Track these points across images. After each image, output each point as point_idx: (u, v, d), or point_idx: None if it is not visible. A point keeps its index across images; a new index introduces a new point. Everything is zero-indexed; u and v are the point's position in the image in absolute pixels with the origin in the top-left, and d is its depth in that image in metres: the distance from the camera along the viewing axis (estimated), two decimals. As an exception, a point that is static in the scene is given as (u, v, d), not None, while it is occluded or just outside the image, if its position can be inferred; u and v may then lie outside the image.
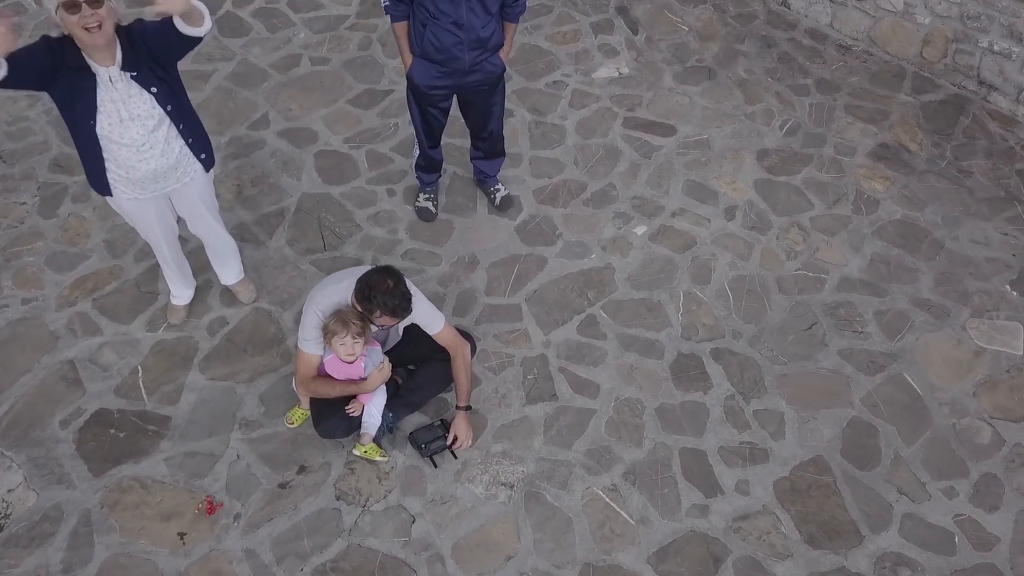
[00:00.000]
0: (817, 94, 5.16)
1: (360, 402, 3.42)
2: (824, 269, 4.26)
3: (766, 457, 3.58)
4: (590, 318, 4.03)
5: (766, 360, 3.90)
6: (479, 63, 3.73)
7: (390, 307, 3.07)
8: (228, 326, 3.94)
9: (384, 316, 3.10)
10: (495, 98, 3.98)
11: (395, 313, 3.09)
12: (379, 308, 3.07)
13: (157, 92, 3.12)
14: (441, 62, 3.70)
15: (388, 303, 3.06)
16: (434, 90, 3.83)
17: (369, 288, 3.07)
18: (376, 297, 3.05)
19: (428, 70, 3.75)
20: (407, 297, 3.12)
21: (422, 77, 3.78)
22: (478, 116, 4.06)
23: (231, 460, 3.49)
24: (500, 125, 4.15)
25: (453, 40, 3.61)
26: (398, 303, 3.08)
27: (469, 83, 3.81)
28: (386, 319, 3.13)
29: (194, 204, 3.49)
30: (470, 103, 3.99)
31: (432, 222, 4.39)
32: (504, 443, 3.58)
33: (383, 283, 3.07)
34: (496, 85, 3.91)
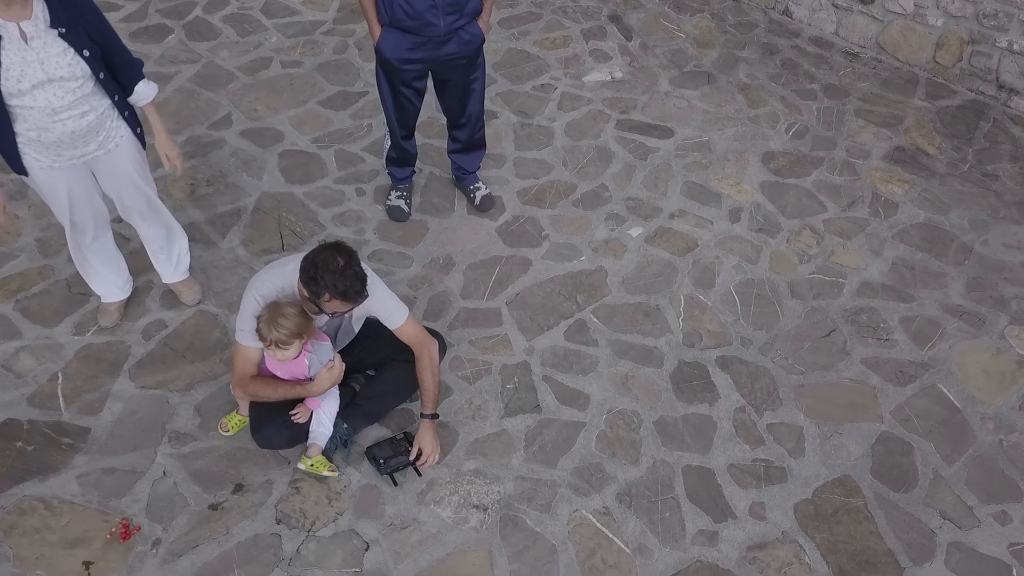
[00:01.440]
0: (825, 99, 4.80)
1: (307, 407, 2.92)
2: (841, 273, 3.81)
3: (784, 477, 3.06)
4: (579, 323, 3.56)
5: (780, 369, 3.41)
6: (455, 30, 3.36)
7: (340, 289, 2.60)
8: (167, 330, 3.46)
9: (334, 300, 2.63)
10: (474, 74, 3.59)
11: (346, 297, 2.63)
12: (327, 291, 2.60)
13: (90, 56, 2.74)
14: (414, 30, 3.32)
15: (338, 285, 2.59)
16: (407, 64, 3.44)
17: (315, 267, 2.61)
18: (324, 278, 2.59)
19: (400, 41, 3.38)
20: (360, 278, 2.65)
21: (393, 50, 3.41)
22: (455, 96, 3.66)
23: (155, 478, 2.97)
24: (480, 108, 3.76)
25: (426, 4, 3.24)
26: (350, 285, 2.61)
27: (445, 55, 3.43)
28: (336, 304, 2.66)
29: (122, 177, 3.06)
30: (447, 81, 3.60)
31: (404, 222, 3.95)
32: (478, 460, 3.07)
33: (332, 261, 2.61)
34: (475, 59, 3.53)
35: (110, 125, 2.92)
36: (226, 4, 5.36)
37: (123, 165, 3.03)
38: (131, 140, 3.03)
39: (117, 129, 2.96)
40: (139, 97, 3.00)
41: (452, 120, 3.81)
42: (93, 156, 2.94)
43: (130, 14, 5.17)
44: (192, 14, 5.26)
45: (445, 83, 3.61)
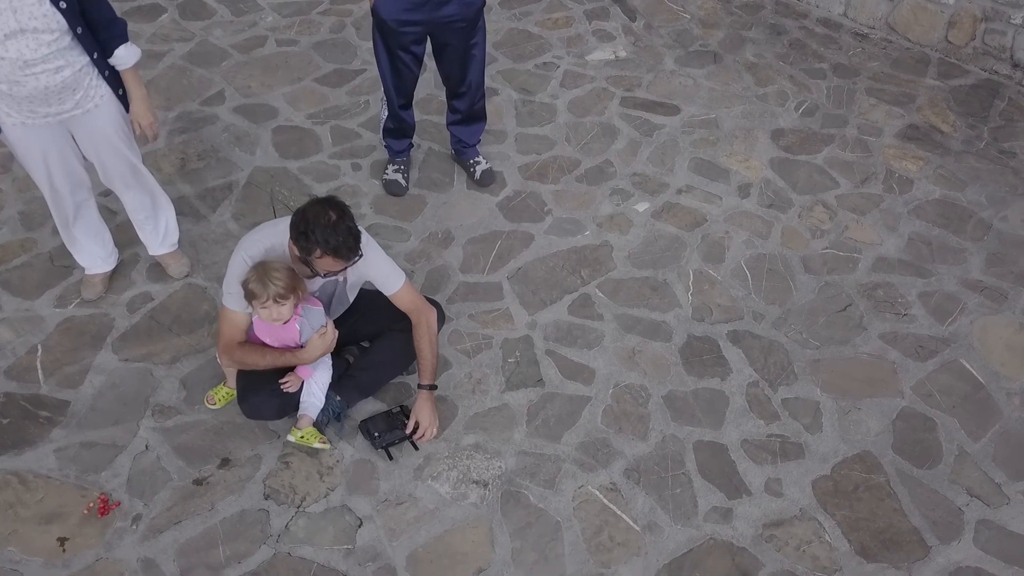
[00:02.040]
0: (834, 78, 4.67)
1: (298, 376, 2.76)
2: (856, 248, 3.66)
3: (801, 452, 2.90)
4: (584, 297, 3.40)
5: (794, 344, 3.25)
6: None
7: (332, 245, 2.45)
8: (152, 302, 3.31)
9: (326, 257, 2.48)
10: (474, 39, 3.46)
11: (338, 253, 2.48)
12: (318, 246, 2.45)
13: (66, 8, 2.60)
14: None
15: (330, 240, 2.45)
16: (405, 27, 3.31)
17: (306, 222, 2.46)
18: (315, 232, 2.44)
19: (397, 1, 3.25)
20: (354, 234, 2.51)
21: (391, 10, 3.27)
22: (455, 63, 3.52)
23: (137, 452, 2.81)
24: (481, 76, 3.62)
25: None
26: (342, 240, 2.46)
27: (444, 17, 3.29)
28: (329, 262, 2.51)
29: (102, 139, 2.92)
30: (447, 45, 3.46)
31: (402, 196, 3.81)
32: (477, 434, 2.91)
33: (324, 215, 2.46)
34: (475, 22, 3.40)
35: (88, 83, 2.78)
36: (221, -16, 5.24)
37: (102, 126, 2.89)
38: (112, 101, 2.89)
39: (97, 88, 2.82)
40: (119, 61, 2.84)
41: (451, 89, 3.68)
42: (70, 115, 2.80)
43: (122, -6, 5.05)
44: (186, -7, 5.14)
45: (444, 48, 3.47)
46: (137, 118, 2.95)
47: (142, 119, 2.95)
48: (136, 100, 2.93)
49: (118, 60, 2.84)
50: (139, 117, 2.95)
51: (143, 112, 2.95)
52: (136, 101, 2.93)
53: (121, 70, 2.87)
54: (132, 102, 2.93)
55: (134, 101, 2.93)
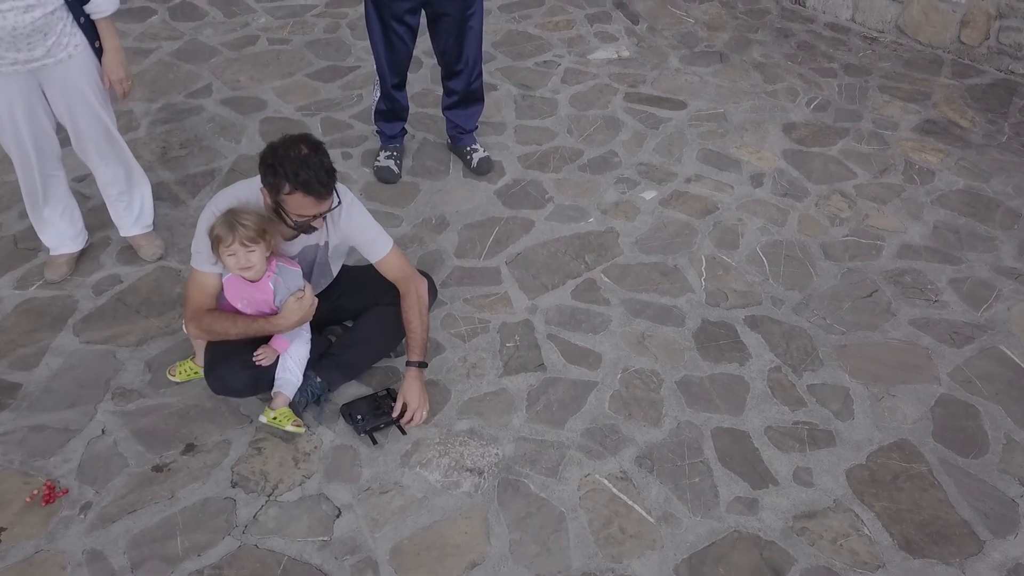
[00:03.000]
0: (845, 76, 4.50)
1: (273, 348, 2.49)
2: (879, 236, 3.42)
3: (831, 440, 2.61)
4: (588, 282, 3.15)
5: (818, 329, 2.99)
6: None
7: (302, 179, 2.21)
8: (121, 285, 3.06)
9: (296, 194, 2.23)
10: (471, 9, 3.28)
11: (309, 188, 2.23)
12: (287, 181, 2.22)
13: None
14: None
15: (300, 173, 2.21)
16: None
17: (275, 155, 2.24)
18: (284, 165, 2.21)
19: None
20: (327, 169, 2.27)
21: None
22: (451, 35, 3.33)
23: (92, 436, 2.52)
24: (478, 51, 3.44)
25: None
26: (313, 174, 2.22)
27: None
28: (299, 200, 2.24)
29: (75, 94, 2.70)
30: (442, 16, 3.27)
31: (394, 183, 3.59)
32: (472, 419, 2.62)
33: (295, 148, 2.25)
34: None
35: (62, 30, 2.58)
36: (214, -12, 5.12)
37: (76, 80, 2.68)
38: (87, 53, 2.69)
39: (71, 37, 2.62)
40: (95, 7, 2.65)
41: (447, 67, 3.49)
42: (40, 64, 2.59)
43: None
44: (178, -2, 5.02)
45: (440, 19, 3.29)
46: (108, 72, 2.74)
47: (113, 73, 2.75)
48: (109, 51, 2.72)
49: (95, 7, 2.64)
50: (111, 71, 2.74)
51: (115, 65, 2.74)
52: (109, 52, 2.73)
53: (97, 19, 2.67)
54: (105, 54, 2.72)
55: (107, 53, 2.72)
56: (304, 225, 2.34)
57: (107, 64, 2.74)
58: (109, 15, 2.70)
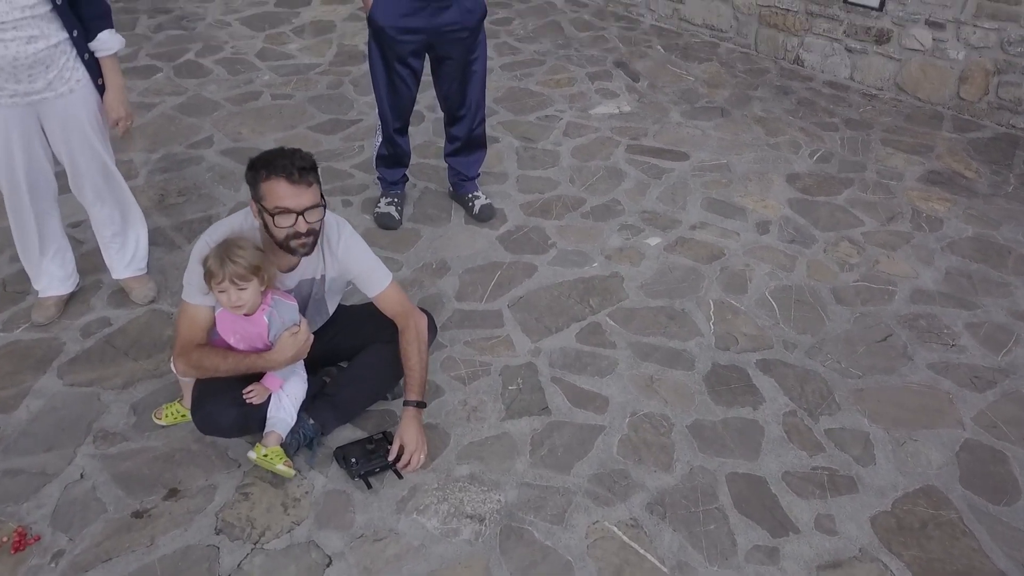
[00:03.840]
0: (847, 130, 4.50)
1: (265, 386, 2.37)
2: (890, 281, 3.34)
3: (854, 486, 2.46)
4: (593, 326, 3.05)
5: (833, 373, 2.87)
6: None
7: (279, 164, 2.19)
8: (110, 327, 2.96)
9: (272, 179, 2.18)
10: (475, 53, 3.28)
11: (288, 173, 2.18)
12: (265, 169, 2.20)
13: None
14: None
15: (277, 160, 2.20)
16: (403, 35, 3.13)
17: (260, 157, 2.25)
18: (263, 158, 2.23)
19: (395, 7, 3.08)
20: (307, 159, 2.25)
21: (389, 16, 3.10)
22: (455, 78, 3.31)
23: (70, 481, 2.38)
24: (481, 96, 3.42)
25: None
26: (290, 160, 2.20)
27: (444, 25, 3.12)
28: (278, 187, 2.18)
29: (74, 127, 2.66)
30: (446, 59, 3.26)
31: (395, 230, 3.53)
32: (473, 464, 2.48)
33: (279, 150, 2.26)
34: (476, 33, 3.23)
35: (64, 64, 2.56)
36: (220, 49, 5.20)
37: (76, 114, 2.64)
38: (89, 88, 2.66)
39: (73, 71, 2.59)
40: (101, 44, 2.64)
41: (450, 112, 3.47)
42: (41, 97, 2.55)
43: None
44: (184, 57, 5.08)
45: (443, 62, 3.29)
46: (109, 109, 2.71)
47: (114, 110, 2.71)
48: (112, 89, 2.70)
49: (100, 44, 2.63)
50: (112, 108, 2.71)
51: (116, 103, 2.71)
52: (112, 90, 2.70)
53: (101, 56, 2.65)
54: (107, 91, 2.70)
55: (109, 90, 2.70)
56: (291, 234, 2.24)
57: (108, 101, 2.71)
58: (113, 53, 2.68)
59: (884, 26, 4.82)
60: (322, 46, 5.30)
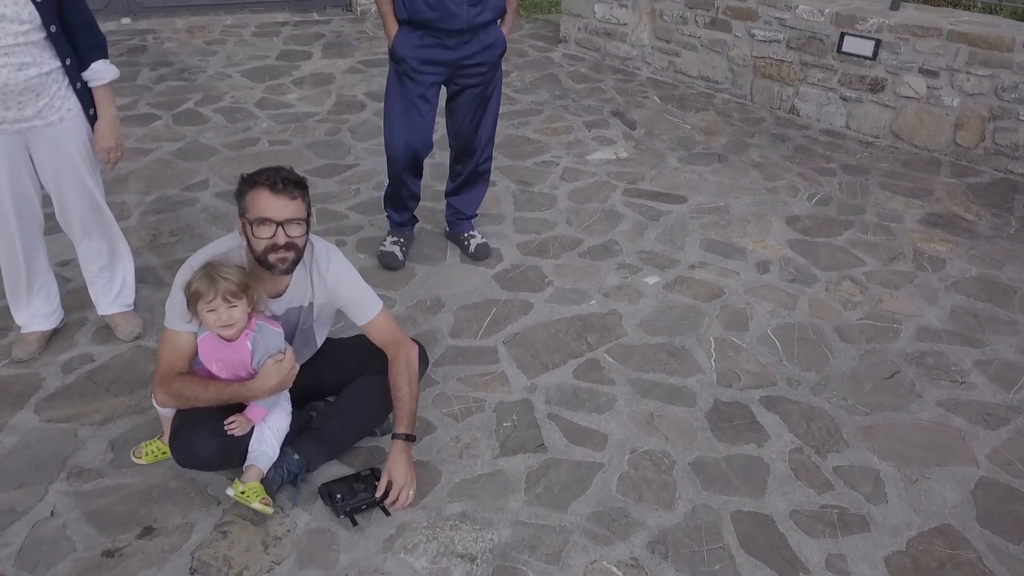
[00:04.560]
0: (845, 175, 4.49)
1: (247, 417, 2.27)
2: (895, 319, 3.26)
3: (865, 525, 2.33)
4: (591, 362, 2.96)
5: (839, 410, 2.77)
6: (478, 27, 3.07)
7: (266, 175, 2.17)
8: (92, 364, 2.87)
9: (258, 189, 2.15)
10: (491, 88, 3.28)
11: (274, 185, 2.15)
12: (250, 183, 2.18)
13: (42, 2, 2.41)
14: (434, 23, 3.01)
15: (263, 173, 2.19)
16: (425, 65, 3.10)
17: (248, 174, 2.23)
18: (258, 171, 2.21)
19: (418, 40, 3.07)
20: (291, 172, 2.23)
21: (411, 48, 3.08)
22: (470, 111, 3.28)
23: (40, 518, 2.26)
24: (491, 131, 3.40)
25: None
26: (277, 173, 2.19)
27: (466, 58, 3.12)
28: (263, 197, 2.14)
29: (63, 157, 2.61)
30: (464, 91, 3.23)
31: (397, 271, 3.46)
32: (464, 502, 2.36)
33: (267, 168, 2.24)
34: (495, 68, 3.24)
35: (56, 92, 2.53)
36: (220, 99, 5.24)
37: (65, 143, 2.60)
38: (80, 119, 2.63)
39: (65, 100, 2.56)
40: (95, 74, 2.61)
41: (461, 146, 3.41)
42: (29, 125, 2.52)
43: (120, 105, 5.00)
44: (183, 106, 5.12)
45: (461, 94, 3.25)
46: (100, 139, 2.67)
47: (104, 140, 2.67)
48: (104, 119, 2.66)
49: (93, 74, 2.61)
50: (102, 138, 2.67)
51: (108, 133, 2.67)
52: (104, 120, 2.66)
53: (94, 86, 2.63)
54: (99, 120, 2.66)
55: (101, 120, 2.66)
56: (270, 247, 2.17)
57: (99, 131, 2.68)
58: (106, 83, 2.67)
59: (878, 75, 4.86)
60: (321, 96, 5.35)
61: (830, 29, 4.97)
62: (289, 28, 6.79)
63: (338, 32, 6.75)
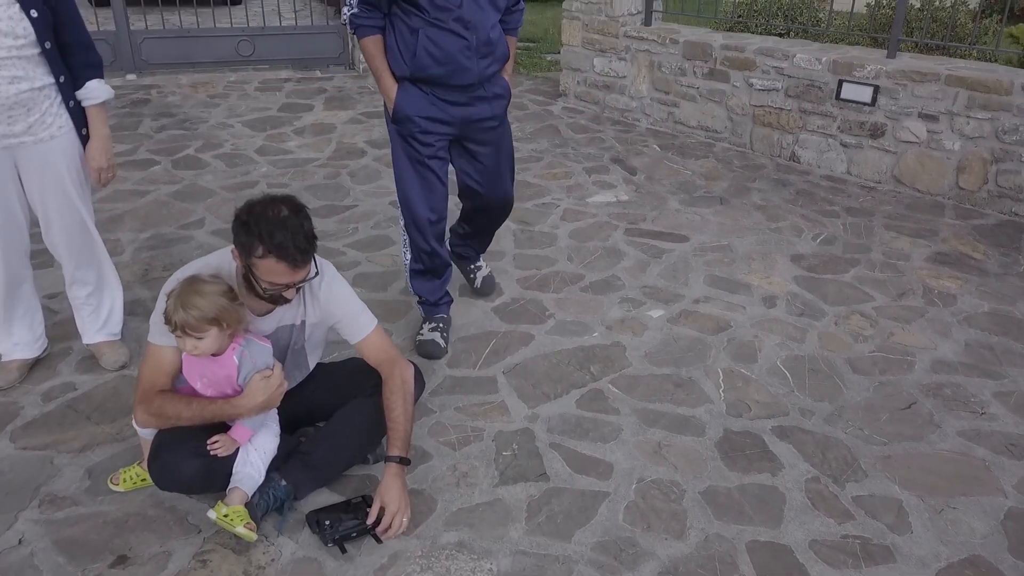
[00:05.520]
0: (848, 217, 4.45)
1: (232, 438, 2.15)
2: (908, 352, 3.15)
3: (890, 555, 2.18)
4: (595, 392, 2.84)
5: (856, 440, 2.64)
6: (487, 80, 2.79)
7: (277, 240, 1.97)
8: (74, 392, 2.75)
9: (269, 258, 1.99)
10: (503, 141, 3.00)
11: (284, 252, 1.99)
12: (261, 243, 1.98)
13: (38, 18, 2.39)
14: (441, 80, 2.69)
15: (276, 234, 1.98)
16: (433, 125, 2.77)
17: (251, 213, 2.02)
18: (259, 224, 1.99)
19: (423, 97, 2.74)
20: (307, 234, 2.05)
21: (416, 108, 2.74)
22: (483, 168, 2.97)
23: (7, 547, 2.11)
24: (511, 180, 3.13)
25: (459, 44, 2.64)
26: (290, 237, 1.99)
27: (475, 114, 2.82)
28: (272, 266, 2.00)
29: (51, 175, 2.56)
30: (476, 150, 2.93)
31: (439, 359, 3.00)
32: (461, 531, 2.21)
33: (274, 208, 2.03)
34: (504, 120, 2.98)
35: (47, 108, 2.49)
36: (220, 146, 5.24)
37: (55, 161, 2.54)
38: (72, 137, 2.58)
39: (56, 117, 2.52)
40: (89, 93, 2.58)
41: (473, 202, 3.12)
42: (19, 141, 2.47)
43: (119, 152, 5.01)
44: (183, 152, 5.12)
45: (473, 151, 2.95)
46: (91, 159, 2.62)
47: (95, 160, 2.62)
48: (96, 138, 2.61)
49: (87, 93, 2.57)
50: (93, 158, 2.62)
51: (99, 153, 2.62)
52: (96, 139, 2.61)
53: (87, 105, 2.58)
54: (91, 140, 2.61)
55: (93, 139, 2.61)
56: (275, 296, 2.10)
57: (91, 150, 2.63)
58: (100, 103, 2.63)
59: (877, 120, 4.87)
60: (321, 143, 5.36)
61: (828, 77, 5.01)
62: (292, 84, 6.88)
63: (340, 87, 6.84)
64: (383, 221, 4.18)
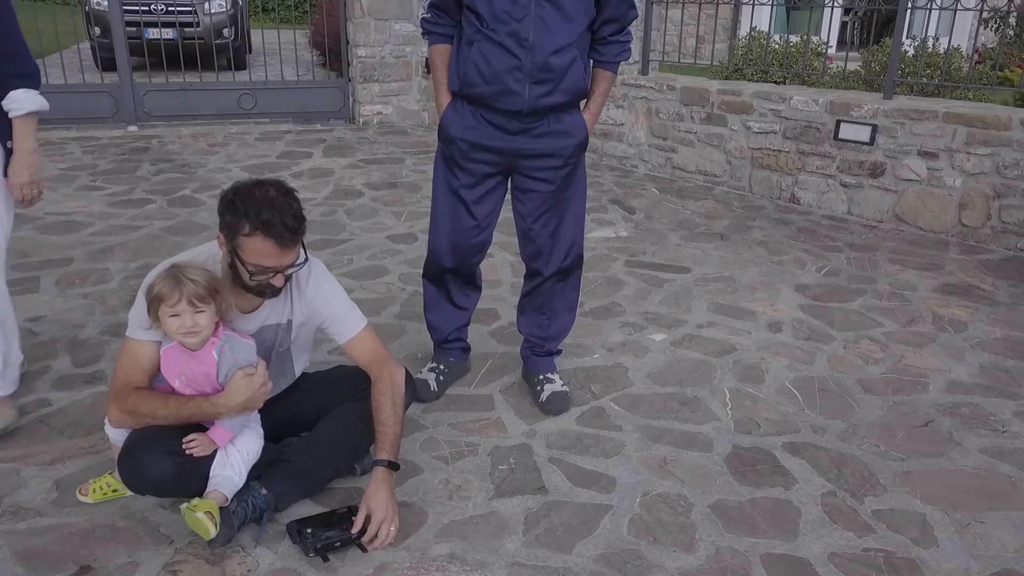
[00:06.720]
0: (852, 252, 4.38)
1: (210, 439, 2.01)
2: (921, 374, 3.03)
3: (916, 569, 2.02)
4: (596, 410, 2.71)
5: (872, 456, 2.49)
6: (544, 110, 2.37)
7: (264, 218, 1.89)
8: (49, 408, 2.62)
9: (255, 236, 1.91)
10: (570, 190, 2.54)
11: (272, 230, 1.90)
12: (247, 220, 1.90)
13: None
14: (488, 100, 2.36)
15: (263, 212, 1.90)
16: (477, 152, 2.44)
17: (237, 192, 1.95)
18: (248, 203, 1.91)
19: (470, 117, 2.43)
20: (296, 214, 1.97)
21: (462, 128, 2.44)
22: (539, 215, 2.56)
23: (-38, 556, 1.95)
24: (574, 241, 2.64)
25: (508, 63, 2.29)
26: (278, 215, 1.91)
27: (529, 148, 2.43)
28: (259, 244, 1.92)
29: None
30: (530, 190, 2.53)
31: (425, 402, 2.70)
32: (454, 543, 2.06)
33: (261, 189, 1.96)
34: (573, 164, 2.50)
35: None
36: (216, 188, 5.21)
37: None
38: None
39: None
40: (12, 103, 2.31)
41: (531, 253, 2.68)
42: None
43: (115, 192, 4.98)
44: (179, 192, 5.09)
45: (527, 192, 2.55)
46: (13, 173, 2.36)
47: (17, 175, 2.36)
48: (20, 152, 2.35)
49: (12, 103, 2.31)
50: (15, 173, 2.36)
51: (21, 168, 2.36)
52: (19, 153, 2.35)
53: (13, 116, 2.33)
54: (15, 153, 2.35)
55: (17, 153, 2.35)
56: (263, 284, 2.01)
57: (13, 165, 2.37)
58: (26, 113, 2.35)
59: (877, 159, 4.86)
60: (319, 185, 5.34)
61: (825, 117, 5.02)
62: (292, 135, 6.93)
63: (340, 138, 6.88)
64: (379, 253, 4.11)
